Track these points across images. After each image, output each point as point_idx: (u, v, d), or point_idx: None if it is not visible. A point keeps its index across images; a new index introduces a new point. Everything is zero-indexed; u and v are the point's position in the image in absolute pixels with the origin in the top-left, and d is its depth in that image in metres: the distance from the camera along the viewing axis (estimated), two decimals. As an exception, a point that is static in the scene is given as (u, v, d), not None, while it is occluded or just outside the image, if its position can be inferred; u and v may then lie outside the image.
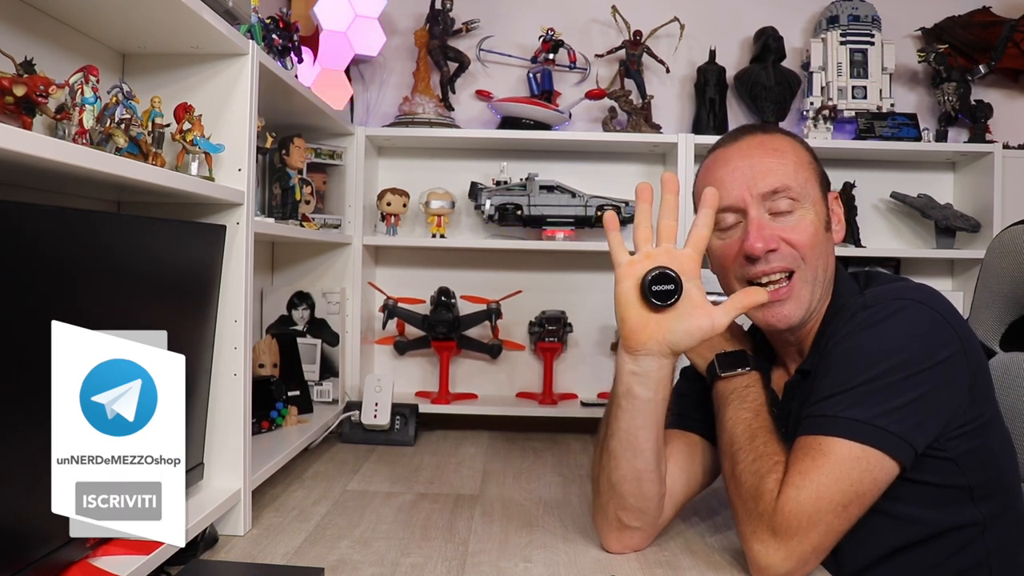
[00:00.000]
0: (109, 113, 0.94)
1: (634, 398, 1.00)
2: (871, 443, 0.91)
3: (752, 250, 1.02)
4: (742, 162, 1.06)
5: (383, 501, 1.37)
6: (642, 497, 1.06)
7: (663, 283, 0.94)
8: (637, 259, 0.97)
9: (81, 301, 0.84)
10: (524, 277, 2.16)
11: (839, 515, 0.91)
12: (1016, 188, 2.05)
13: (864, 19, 2.11)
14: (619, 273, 0.98)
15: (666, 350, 0.97)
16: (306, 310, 1.95)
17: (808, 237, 1.03)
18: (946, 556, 0.98)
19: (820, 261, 1.05)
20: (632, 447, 1.02)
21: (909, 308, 0.98)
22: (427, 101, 2.10)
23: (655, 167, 2.20)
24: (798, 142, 1.10)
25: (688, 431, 1.19)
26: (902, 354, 0.94)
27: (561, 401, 2.08)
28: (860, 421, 0.91)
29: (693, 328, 0.96)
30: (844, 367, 0.96)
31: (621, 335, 1.00)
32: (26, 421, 0.77)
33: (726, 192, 1.04)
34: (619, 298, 0.97)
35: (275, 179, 1.53)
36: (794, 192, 1.04)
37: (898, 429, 0.91)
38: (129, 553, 0.92)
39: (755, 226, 1.03)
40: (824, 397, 0.96)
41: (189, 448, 1.12)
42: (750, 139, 1.09)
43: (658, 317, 0.96)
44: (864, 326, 0.97)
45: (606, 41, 2.23)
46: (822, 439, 0.93)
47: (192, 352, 1.11)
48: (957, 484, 0.97)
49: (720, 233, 1.08)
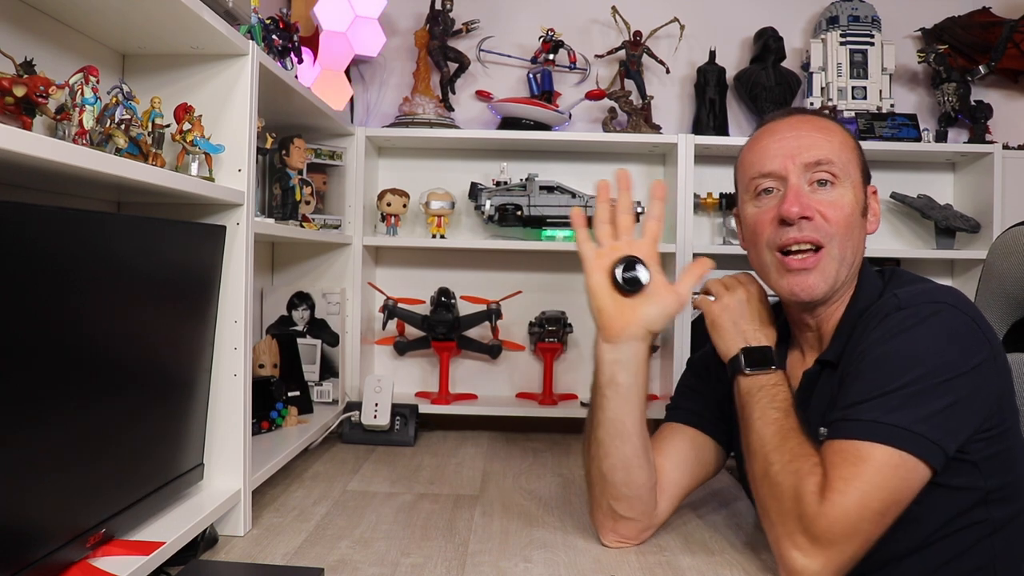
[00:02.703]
0: (109, 113, 0.94)
1: (618, 385, 1.04)
2: (910, 449, 0.89)
3: (788, 214, 1.02)
4: (788, 133, 1.08)
5: (383, 501, 1.37)
6: (633, 484, 1.07)
7: (631, 270, 1.02)
8: (603, 252, 1.04)
9: (81, 301, 0.84)
10: (524, 277, 2.16)
11: (876, 524, 0.90)
12: (1016, 188, 2.05)
13: (864, 19, 2.11)
14: (588, 267, 1.04)
15: (643, 332, 1.03)
16: (306, 310, 1.95)
17: (844, 215, 1.04)
18: (953, 556, 0.97)
19: (850, 243, 1.05)
20: (620, 434, 1.05)
21: (944, 312, 0.97)
22: (427, 101, 2.10)
23: (655, 167, 2.20)
24: (845, 129, 1.12)
25: (687, 425, 1.19)
26: (938, 359, 0.93)
27: (561, 401, 2.08)
28: (900, 427, 0.90)
29: (664, 307, 1.03)
30: (881, 370, 0.94)
31: (599, 326, 1.05)
32: (26, 421, 0.77)
33: (769, 159, 1.07)
34: (592, 290, 1.04)
35: (275, 179, 1.53)
36: (836, 168, 1.04)
37: (935, 435, 0.90)
38: (129, 553, 0.92)
39: (793, 192, 1.04)
40: (861, 400, 0.94)
41: (189, 448, 1.13)
42: (799, 116, 1.11)
43: (631, 303, 1.03)
44: (899, 329, 0.96)
45: (606, 41, 2.23)
46: (861, 444, 0.91)
47: (192, 352, 1.12)
48: (975, 487, 0.96)
49: (756, 200, 1.09)
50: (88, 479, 0.89)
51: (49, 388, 0.79)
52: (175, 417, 1.08)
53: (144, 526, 1.02)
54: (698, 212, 2.14)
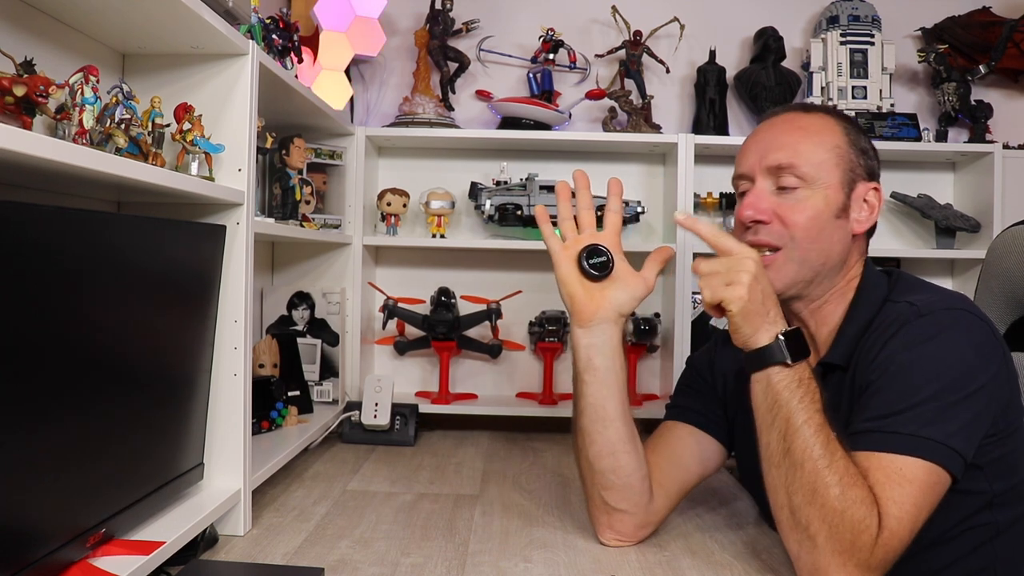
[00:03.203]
0: (109, 113, 0.94)
1: (595, 370, 1.06)
2: (945, 464, 0.89)
3: (741, 216, 1.08)
4: (765, 134, 1.10)
5: (383, 501, 1.37)
6: (621, 472, 1.07)
7: (596, 257, 1.07)
8: (569, 244, 1.08)
9: (81, 302, 0.84)
10: (524, 277, 2.16)
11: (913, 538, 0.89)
12: (1016, 188, 2.05)
13: (864, 19, 2.11)
14: (556, 259, 1.08)
15: (615, 315, 1.06)
16: (306, 310, 1.95)
17: (804, 219, 1.04)
18: (956, 559, 0.97)
19: (816, 245, 1.04)
20: (602, 419, 1.06)
21: (963, 320, 0.97)
22: (427, 101, 2.10)
23: (655, 167, 2.20)
24: (839, 126, 1.09)
25: (686, 423, 1.19)
26: (963, 367, 0.93)
27: (561, 401, 2.07)
28: (937, 441, 0.89)
29: (633, 291, 1.06)
30: (909, 381, 0.93)
31: (571, 312, 1.08)
32: (26, 421, 0.77)
33: (743, 160, 1.11)
34: (562, 279, 1.07)
35: (275, 179, 1.53)
36: (802, 172, 1.05)
37: (963, 448, 0.90)
38: (129, 553, 0.92)
39: (752, 195, 1.07)
40: (894, 412, 0.92)
41: (189, 448, 1.13)
42: (785, 115, 1.12)
43: (600, 287, 1.06)
44: (923, 338, 0.95)
45: (606, 41, 2.23)
46: (903, 459, 0.89)
47: (192, 352, 1.12)
48: (981, 491, 0.96)
49: (739, 199, 1.12)
50: (88, 479, 0.88)
51: (49, 388, 0.79)
52: (175, 417, 1.08)
53: (144, 526, 1.01)
54: (698, 212, 2.14)
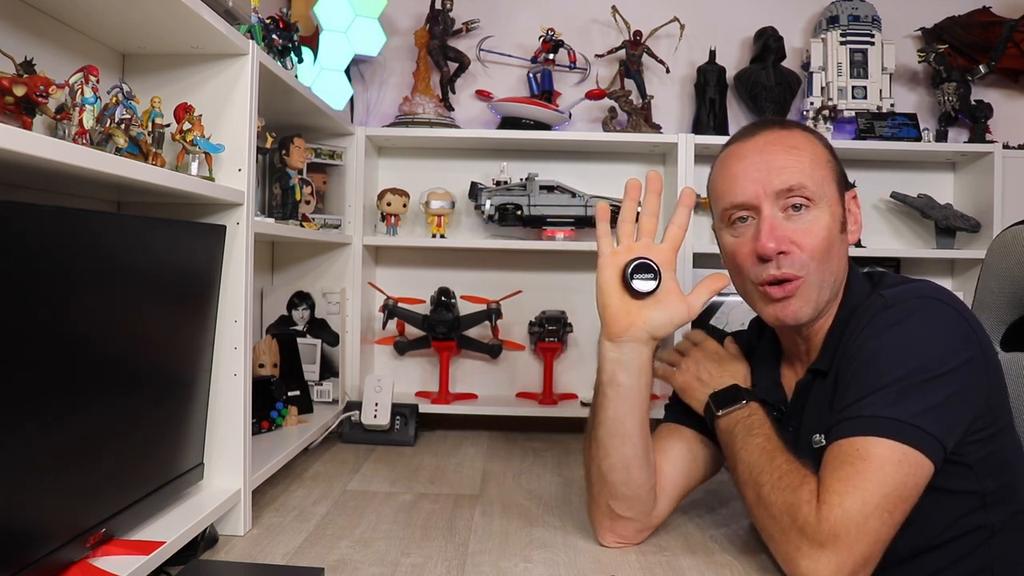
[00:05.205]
0: (109, 113, 0.94)
1: (618, 386, 1.04)
2: (913, 443, 0.88)
3: (764, 251, 1.00)
4: (757, 158, 1.04)
5: (383, 501, 1.37)
6: (632, 485, 1.07)
7: (643, 273, 1.00)
8: (620, 250, 1.04)
9: (81, 301, 0.84)
10: (524, 277, 2.16)
11: (885, 522, 0.87)
12: (1016, 188, 2.05)
13: (864, 19, 2.11)
14: (602, 262, 1.04)
15: (646, 336, 1.03)
16: (306, 310, 1.95)
17: (820, 241, 1.01)
18: (951, 561, 0.97)
19: (831, 265, 1.03)
20: (620, 434, 1.05)
21: (933, 307, 0.96)
22: (427, 101, 2.10)
23: (655, 167, 2.20)
24: (816, 139, 1.08)
25: (686, 426, 1.19)
26: (930, 351, 0.92)
27: (561, 401, 2.08)
28: (901, 420, 0.88)
29: (672, 315, 1.02)
30: (873, 367, 0.93)
31: (603, 322, 1.04)
32: (26, 421, 0.77)
33: (740, 189, 1.04)
34: (601, 285, 1.03)
35: (275, 179, 1.53)
36: (809, 191, 1.01)
37: (934, 429, 0.89)
38: (129, 553, 0.92)
39: (768, 226, 1.01)
40: (857, 399, 0.92)
41: (189, 448, 1.13)
42: (767, 135, 1.06)
43: (638, 305, 1.02)
44: (888, 324, 0.95)
45: (606, 41, 2.23)
46: (860, 441, 0.89)
47: (192, 352, 1.12)
48: (971, 490, 0.95)
49: (732, 230, 1.07)
50: (88, 479, 0.89)
51: (49, 388, 0.79)
52: (175, 417, 1.08)
53: (144, 526, 1.02)
54: (698, 212, 2.14)
